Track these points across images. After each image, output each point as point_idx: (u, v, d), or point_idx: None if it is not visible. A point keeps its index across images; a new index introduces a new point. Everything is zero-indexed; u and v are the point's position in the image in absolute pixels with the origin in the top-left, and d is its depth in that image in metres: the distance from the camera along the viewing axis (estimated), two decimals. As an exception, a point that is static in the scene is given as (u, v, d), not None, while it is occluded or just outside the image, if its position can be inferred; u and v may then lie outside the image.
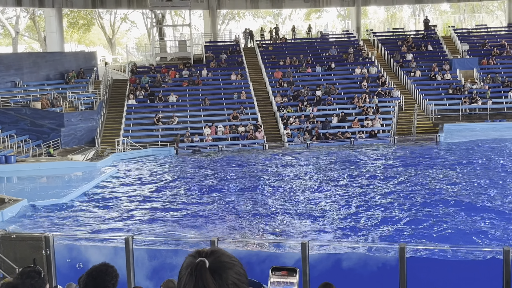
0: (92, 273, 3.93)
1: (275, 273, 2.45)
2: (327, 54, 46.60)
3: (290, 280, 2.42)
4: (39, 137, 34.63)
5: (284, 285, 2.40)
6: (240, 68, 43.46)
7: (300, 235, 16.64)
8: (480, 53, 46.61)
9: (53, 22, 47.64)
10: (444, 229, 16.70)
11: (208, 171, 28.51)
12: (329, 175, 26.43)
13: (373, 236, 16.51)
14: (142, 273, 11.19)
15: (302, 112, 38.30)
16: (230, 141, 35.98)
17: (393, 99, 40.05)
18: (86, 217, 19.70)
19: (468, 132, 37.18)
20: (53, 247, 12.26)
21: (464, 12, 71.26)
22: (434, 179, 24.39)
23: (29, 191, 24.92)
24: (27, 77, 39.91)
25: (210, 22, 52.62)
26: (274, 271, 2.45)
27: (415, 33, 52.60)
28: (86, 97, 38.87)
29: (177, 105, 39.56)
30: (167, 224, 18.57)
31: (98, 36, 78.49)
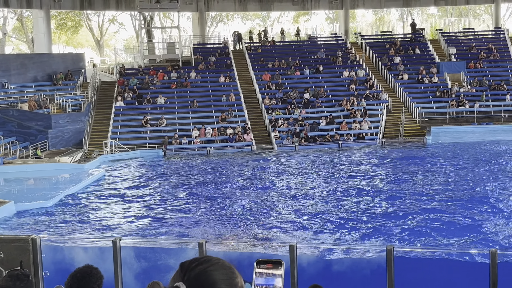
0: (76, 275, 3.92)
1: (260, 266, 2.40)
2: (315, 57, 46.71)
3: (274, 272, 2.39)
4: (26, 139, 34.42)
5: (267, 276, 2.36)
6: (228, 71, 43.45)
7: (288, 237, 16.65)
8: (467, 56, 46.91)
9: (41, 24, 47.41)
10: (431, 230, 16.78)
11: (197, 173, 28.47)
12: (317, 178, 26.48)
13: (361, 238, 16.56)
14: (129, 275, 11.16)
15: (291, 115, 38.36)
16: (218, 143, 35.96)
17: (381, 102, 40.21)
18: (74, 219, 19.61)
19: (455, 135, 37.40)
20: (40, 250, 12.19)
21: (452, 15, 71.69)
22: (421, 181, 24.50)
23: (16, 193, 24.76)
24: (15, 79, 39.67)
25: (198, 24, 52.59)
26: (259, 264, 2.40)
27: (403, 36, 52.86)
28: (74, 98, 38.71)
29: (166, 107, 39.49)
30: (155, 226, 18.53)
31: (86, 37, 78.22)
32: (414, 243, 15.74)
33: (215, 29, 72.10)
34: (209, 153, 34.25)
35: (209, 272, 2.00)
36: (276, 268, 2.38)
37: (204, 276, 1.99)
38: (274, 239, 16.86)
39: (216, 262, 2.05)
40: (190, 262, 2.05)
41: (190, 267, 2.02)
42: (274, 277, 2.36)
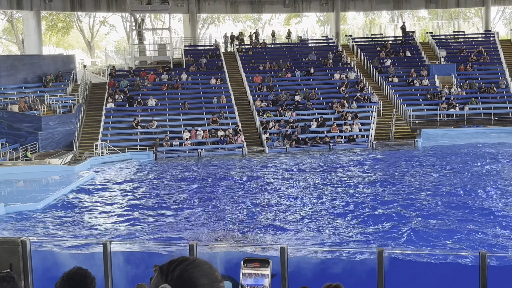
0: (70, 277, 3.88)
1: (247, 264, 2.38)
2: (306, 59, 46.77)
3: (262, 272, 2.37)
4: (16, 141, 34.24)
5: (256, 277, 2.34)
6: (219, 73, 43.43)
7: (280, 239, 16.66)
8: (457, 59, 47.11)
9: (31, 25, 47.22)
10: (422, 232, 16.83)
11: (188, 175, 28.43)
12: (308, 180, 26.50)
13: (352, 240, 16.59)
14: (118, 277, 11.12)
15: (282, 117, 38.38)
16: (209, 145, 35.93)
17: (371, 104, 40.32)
18: (64, 222, 19.53)
19: (445, 137, 37.56)
20: (30, 252, 12.13)
21: (442, 18, 72.03)
22: (411, 183, 24.58)
23: (5, 195, 24.66)
24: (5, 80, 39.49)
25: (190, 26, 52.54)
26: (246, 263, 2.38)
27: (394, 39, 53.02)
28: (64, 100, 38.56)
29: (156, 109, 39.42)
30: (145, 228, 18.49)
31: (77, 39, 77.96)
32: (405, 245, 15.78)
33: (206, 31, 72.08)
34: (200, 155, 34.22)
35: (190, 271, 2.04)
36: (263, 267, 2.36)
37: (185, 275, 2.03)
38: (265, 240, 16.86)
39: (193, 260, 2.08)
40: (169, 264, 2.07)
41: (170, 269, 2.05)
42: (263, 277, 2.34)
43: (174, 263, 2.07)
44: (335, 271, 11.94)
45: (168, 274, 2.04)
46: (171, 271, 2.04)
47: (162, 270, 2.05)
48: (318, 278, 11.22)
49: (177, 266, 2.05)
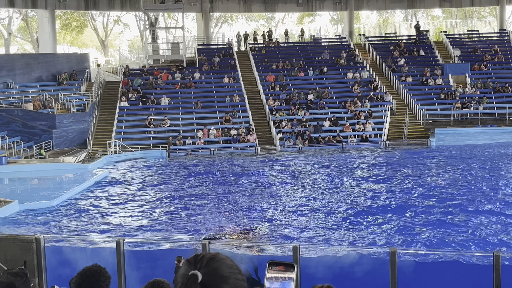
0: (85, 273, 3.92)
1: (272, 267, 2.39)
2: (319, 58, 46.69)
3: (288, 275, 2.38)
4: (31, 139, 34.48)
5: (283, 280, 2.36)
6: (232, 71, 43.47)
7: (292, 238, 16.66)
8: (471, 58, 46.82)
9: (46, 24, 47.51)
10: (435, 233, 16.77)
11: (200, 174, 28.48)
12: (320, 179, 26.47)
13: (365, 240, 16.56)
14: (132, 275, 11.18)
15: (294, 116, 38.34)
16: (222, 144, 35.97)
17: (384, 104, 40.17)
18: (77, 219, 19.65)
19: (459, 137, 37.35)
20: (44, 249, 12.22)
21: (456, 17, 71.61)
22: (425, 183, 24.47)
23: (20, 193, 24.84)
24: (19, 79, 39.77)
25: (203, 25, 52.62)
26: (271, 266, 2.40)
27: (407, 38, 52.79)
28: (78, 99, 38.77)
29: (169, 108, 39.53)
30: (158, 226, 18.56)
31: (90, 38, 78.34)
32: (418, 245, 15.73)
33: (220, 29, 72.16)
34: (213, 154, 34.28)
35: (219, 259, 2.16)
36: (288, 271, 2.37)
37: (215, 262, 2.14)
38: (277, 239, 16.87)
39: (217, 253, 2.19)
40: (195, 256, 2.17)
41: (198, 258, 2.15)
42: (290, 281, 2.35)
43: (200, 255, 2.16)
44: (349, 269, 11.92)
45: (197, 262, 2.12)
46: (199, 261, 2.12)
47: (190, 262, 2.14)
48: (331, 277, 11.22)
49: (203, 258, 2.14)
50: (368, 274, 11.32)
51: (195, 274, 2.08)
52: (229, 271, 2.14)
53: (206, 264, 2.12)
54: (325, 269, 11.43)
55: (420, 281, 11.21)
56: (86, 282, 3.86)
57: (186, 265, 2.15)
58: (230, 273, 2.14)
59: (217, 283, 2.10)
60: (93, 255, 12.69)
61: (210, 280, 2.09)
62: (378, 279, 10.31)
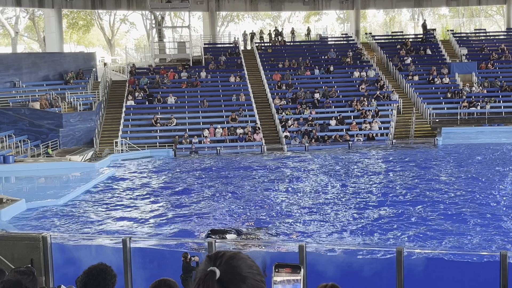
0: (91, 272, 3.92)
1: (278, 270, 2.39)
2: (326, 57, 46.63)
3: (295, 278, 2.38)
4: (38, 138, 34.59)
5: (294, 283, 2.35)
6: (239, 70, 43.48)
7: (298, 237, 16.65)
8: (478, 57, 46.68)
9: (53, 23, 47.63)
10: (442, 232, 16.73)
11: (207, 172, 28.50)
12: (327, 178, 26.44)
13: (371, 239, 16.53)
14: (138, 273, 11.20)
15: (301, 115, 38.31)
16: (228, 143, 35.99)
17: (391, 103, 40.08)
18: (84, 218, 19.70)
19: (466, 136, 37.24)
20: (50, 248, 12.26)
21: (463, 16, 71.39)
22: (431, 182, 24.41)
23: (27, 191, 24.92)
24: (26, 77, 39.89)
25: (209, 24, 52.65)
26: (277, 268, 2.40)
27: (414, 36, 52.68)
28: (85, 97, 38.87)
29: (176, 107, 39.57)
30: (165, 224, 18.58)
31: (97, 37, 78.50)
32: (425, 244, 15.69)
33: (226, 28, 72.17)
34: (219, 152, 34.30)
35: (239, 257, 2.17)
36: (295, 272, 2.37)
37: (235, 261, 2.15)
38: (283, 238, 16.86)
39: (238, 252, 2.19)
40: (217, 252, 2.18)
41: (219, 255, 2.16)
42: (298, 284, 2.35)
43: (221, 252, 2.17)
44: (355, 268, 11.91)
45: (217, 259, 2.13)
46: (219, 258, 2.13)
47: (210, 258, 2.14)
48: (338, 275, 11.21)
49: (223, 255, 2.15)
50: (377, 273, 11.30)
51: (213, 270, 2.09)
52: (248, 270, 2.14)
53: (226, 261, 2.13)
54: (334, 267, 11.43)
55: (427, 280, 11.19)
56: (92, 281, 3.87)
57: (206, 261, 2.16)
58: (249, 272, 2.14)
59: (235, 282, 2.10)
60: (99, 253, 12.72)
61: (229, 278, 2.09)
62: (387, 278, 10.29)
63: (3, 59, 40.27)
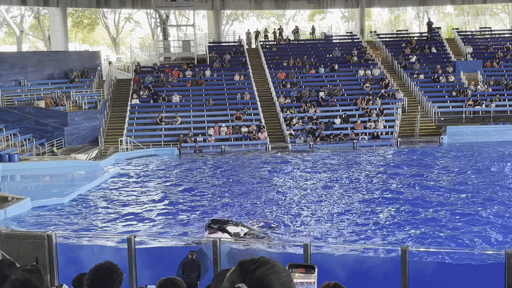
0: (99, 270, 3.93)
1: (292, 270, 2.36)
2: (330, 56, 46.58)
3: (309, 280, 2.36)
4: (43, 136, 34.67)
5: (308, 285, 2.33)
6: (243, 69, 43.48)
7: (302, 236, 16.65)
8: (484, 55, 46.56)
9: (58, 21, 47.71)
10: (446, 231, 16.70)
11: (211, 171, 28.52)
12: (331, 177, 26.42)
13: (376, 238, 16.52)
14: (142, 272, 11.21)
15: (305, 113, 38.28)
16: (233, 141, 36.00)
17: (396, 101, 40.02)
18: (89, 216, 19.74)
19: (471, 134, 37.14)
20: (55, 246, 12.28)
21: (468, 14, 71.21)
22: (437, 181, 24.37)
23: (32, 190, 24.97)
24: (31, 76, 39.97)
25: (214, 22, 52.65)
26: (291, 269, 2.36)
27: (419, 35, 52.56)
28: (89, 96, 38.93)
29: (180, 105, 39.60)
30: (170, 223, 18.60)
31: (102, 35, 78.63)
32: (430, 243, 15.67)
33: (231, 27, 72.19)
34: (223, 151, 34.32)
35: (270, 276, 2.01)
36: (309, 273, 2.34)
37: (265, 280, 2.00)
38: (288, 237, 16.86)
39: (274, 265, 2.05)
40: (250, 262, 2.05)
41: (251, 269, 2.02)
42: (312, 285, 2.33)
43: (255, 263, 2.04)
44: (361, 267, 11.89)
45: (248, 273, 2.01)
46: (251, 271, 2.01)
47: (242, 268, 2.03)
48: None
49: (258, 267, 2.02)
50: (384, 273, 11.29)
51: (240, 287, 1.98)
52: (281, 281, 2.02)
53: (257, 279, 2.00)
54: (341, 266, 11.42)
55: (433, 278, 11.16)
56: (100, 279, 3.88)
57: (236, 271, 2.04)
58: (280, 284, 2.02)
59: None
60: (104, 252, 12.74)
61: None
62: (394, 277, 10.26)
63: (9, 58, 40.36)
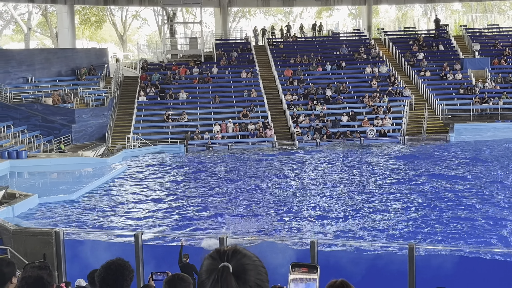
0: (110, 267, 3.93)
1: (295, 269, 2.38)
2: (337, 53, 46.50)
3: (312, 277, 2.37)
4: (50, 133, 34.79)
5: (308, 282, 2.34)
6: (250, 66, 43.46)
7: (309, 233, 16.65)
8: (491, 53, 46.36)
9: (65, 19, 47.82)
10: (454, 229, 16.67)
11: (218, 168, 28.55)
12: (339, 174, 26.39)
13: (383, 235, 16.50)
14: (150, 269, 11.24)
15: (312, 111, 38.24)
16: (239, 139, 36.00)
17: (403, 99, 39.92)
18: (96, 213, 19.80)
19: (478, 132, 37.02)
20: (63, 243, 12.33)
21: (476, 11, 70.92)
22: (444, 179, 24.29)
23: (39, 187, 25.07)
24: (39, 73, 40.09)
25: (221, 19, 52.63)
26: (294, 268, 2.39)
27: (427, 32, 52.37)
28: (97, 93, 39.00)
29: (188, 103, 39.62)
30: (176, 220, 18.64)
31: (109, 33, 78.74)
32: (437, 241, 15.64)
33: (237, 24, 72.16)
34: (230, 148, 34.33)
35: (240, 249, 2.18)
36: (312, 272, 2.36)
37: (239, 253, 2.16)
38: (294, 234, 16.87)
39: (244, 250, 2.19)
40: (218, 249, 2.18)
41: (222, 250, 2.16)
42: (314, 282, 2.34)
43: (222, 248, 2.17)
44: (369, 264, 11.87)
45: (223, 255, 2.15)
46: (223, 252, 2.15)
47: (213, 256, 2.15)
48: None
49: (225, 248, 2.16)
50: (396, 270, 11.27)
51: (227, 265, 2.10)
52: (253, 262, 2.16)
53: (231, 256, 2.14)
54: (349, 264, 11.41)
55: (441, 277, 11.14)
56: (111, 276, 3.88)
57: (209, 259, 2.16)
58: (253, 265, 2.16)
59: (246, 272, 2.12)
60: (111, 248, 12.78)
61: (240, 271, 2.12)
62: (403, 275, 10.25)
63: (16, 55, 40.48)
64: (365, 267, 11.50)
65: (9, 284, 3.92)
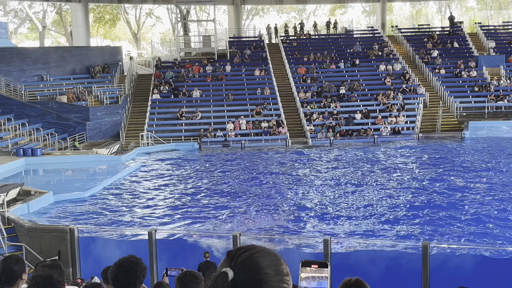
0: (123, 264, 3.95)
1: (305, 267, 2.38)
2: (351, 50, 46.35)
3: (323, 275, 2.37)
4: (65, 131, 35.02)
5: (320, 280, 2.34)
6: (264, 64, 43.45)
7: (322, 231, 16.64)
8: (507, 50, 46.01)
9: (80, 17, 48.09)
10: (468, 227, 16.58)
11: (232, 166, 28.58)
12: (352, 172, 26.33)
13: (397, 234, 16.45)
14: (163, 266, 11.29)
15: (326, 109, 38.17)
16: (253, 136, 36.02)
17: (417, 96, 39.73)
18: (110, 210, 19.90)
19: (493, 130, 36.76)
20: (78, 240, 12.41)
21: (491, 8, 70.39)
22: (459, 177, 24.17)
23: (54, 184, 25.23)
24: (54, 71, 40.34)
25: (234, 17, 52.67)
26: (304, 265, 2.38)
27: (441, 29, 52.09)
28: (111, 91, 39.18)
29: (201, 100, 39.71)
30: (190, 218, 18.70)
31: (123, 31, 79.07)
32: (450, 239, 15.57)
33: (251, 22, 72.15)
34: (243, 146, 34.36)
35: (255, 258, 2.01)
36: (322, 270, 2.36)
37: (250, 261, 2.00)
38: (307, 232, 16.86)
39: (262, 249, 2.05)
40: (237, 249, 2.06)
41: (237, 254, 2.02)
42: (326, 280, 2.34)
43: (242, 249, 2.05)
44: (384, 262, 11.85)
45: (233, 258, 2.02)
46: (237, 256, 2.02)
47: (229, 254, 2.04)
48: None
49: (244, 252, 2.03)
50: (410, 269, 11.25)
51: (225, 272, 1.97)
52: (265, 271, 2.00)
53: (241, 262, 2.00)
54: (365, 263, 11.41)
55: (455, 274, 11.10)
56: (124, 273, 3.90)
57: (225, 259, 2.05)
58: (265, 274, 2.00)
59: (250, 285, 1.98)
60: (125, 245, 12.86)
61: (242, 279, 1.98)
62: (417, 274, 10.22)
63: (31, 53, 40.77)
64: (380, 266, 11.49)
65: (20, 280, 3.95)
